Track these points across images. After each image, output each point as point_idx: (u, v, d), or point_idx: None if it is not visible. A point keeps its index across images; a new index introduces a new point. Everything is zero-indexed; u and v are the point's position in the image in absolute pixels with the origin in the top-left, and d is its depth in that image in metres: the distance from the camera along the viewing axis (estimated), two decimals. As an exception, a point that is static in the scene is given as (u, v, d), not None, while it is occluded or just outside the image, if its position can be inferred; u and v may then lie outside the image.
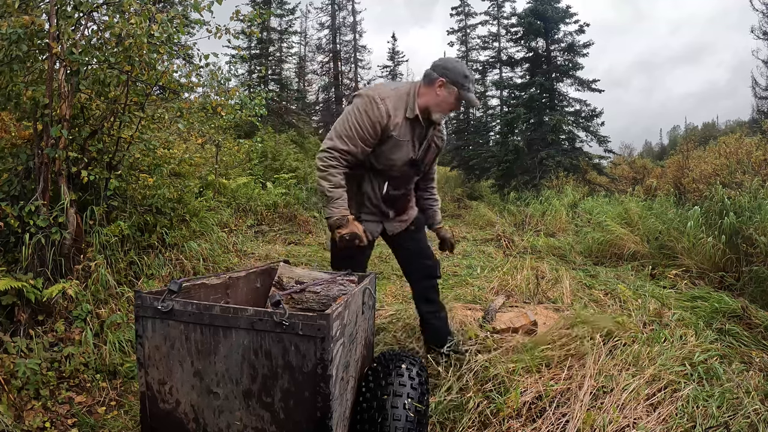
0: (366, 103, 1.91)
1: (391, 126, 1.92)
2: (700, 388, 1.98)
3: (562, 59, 13.98)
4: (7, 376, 1.99)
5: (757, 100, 19.45)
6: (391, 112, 1.91)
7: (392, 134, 1.94)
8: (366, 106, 1.90)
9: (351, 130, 1.90)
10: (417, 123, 2.00)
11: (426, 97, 1.98)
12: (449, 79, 1.95)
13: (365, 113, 1.89)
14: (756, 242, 3.78)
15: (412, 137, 2.01)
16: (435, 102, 1.98)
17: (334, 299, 1.72)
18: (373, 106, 1.89)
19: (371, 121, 1.89)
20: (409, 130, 1.99)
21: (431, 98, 1.98)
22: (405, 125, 1.97)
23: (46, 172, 2.65)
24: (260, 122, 6.65)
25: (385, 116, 1.90)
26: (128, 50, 2.70)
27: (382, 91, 1.94)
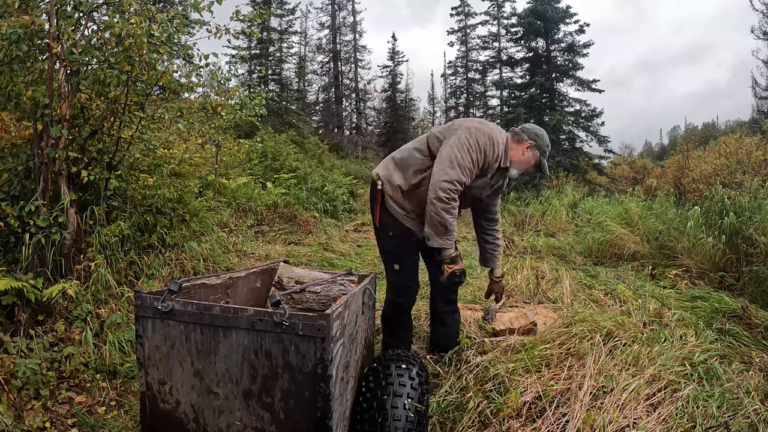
0: (486, 140, 2.04)
1: (491, 167, 2.10)
2: (700, 388, 1.98)
3: (562, 59, 13.98)
4: (7, 376, 1.99)
5: (757, 100, 19.44)
6: (498, 152, 2.08)
7: (487, 174, 2.12)
8: (486, 143, 2.04)
9: (472, 164, 2.02)
10: (502, 173, 2.19)
11: (514, 152, 2.16)
12: (537, 144, 2.16)
13: (483, 150, 2.03)
14: (756, 242, 3.78)
15: (491, 181, 2.20)
16: (519, 159, 2.16)
17: (334, 299, 1.72)
18: (493, 147, 2.06)
19: (486, 160, 2.06)
20: (494, 175, 2.17)
21: (517, 155, 2.16)
22: (492, 168, 2.13)
23: (46, 172, 2.65)
24: (260, 122, 6.65)
25: (494, 158, 2.08)
26: (128, 50, 2.70)
27: (495, 134, 2.10)
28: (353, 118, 25.31)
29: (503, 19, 20.51)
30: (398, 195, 2.18)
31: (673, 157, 12.20)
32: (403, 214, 2.19)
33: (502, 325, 2.74)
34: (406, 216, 2.19)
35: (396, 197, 2.19)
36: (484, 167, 2.07)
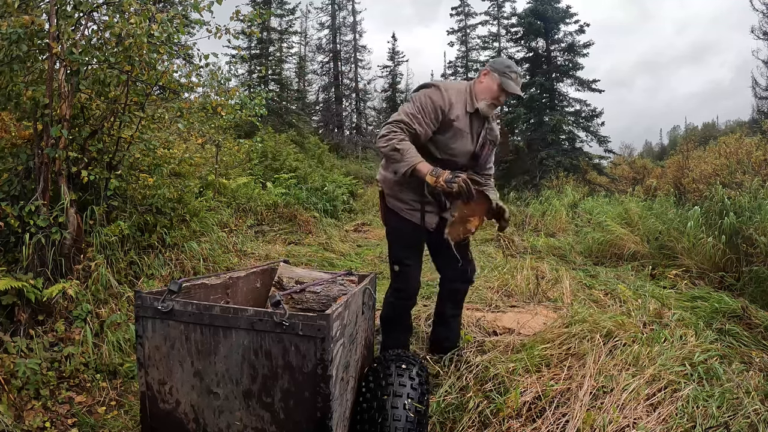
0: (432, 91, 2.07)
1: (452, 115, 2.06)
2: (700, 388, 1.98)
3: (562, 59, 13.98)
4: (7, 376, 1.99)
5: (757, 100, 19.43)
6: (453, 100, 2.06)
7: (453, 123, 2.07)
8: (431, 93, 2.06)
9: (416, 110, 2.04)
10: (476, 117, 2.12)
11: (476, 89, 2.12)
12: (492, 68, 2.10)
13: (430, 98, 2.05)
14: (756, 242, 3.78)
15: (471, 131, 2.13)
16: (480, 90, 2.11)
17: (334, 299, 1.72)
18: (439, 92, 2.06)
19: (434, 105, 2.04)
20: (468, 123, 2.11)
21: (478, 87, 2.12)
22: (465, 118, 2.10)
23: (46, 172, 2.64)
24: (260, 122, 6.65)
25: (447, 103, 2.05)
26: (128, 50, 2.70)
27: (446, 84, 2.13)
28: (353, 118, 25.32)
29: (503, 19, 20.51)
30: (394, 189, 2.20)
31: (673, 157, 12.20)
32: (404, 208, 2.20)
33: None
34: (408, 209, 2.19)
35: (393, 192, 2.21)
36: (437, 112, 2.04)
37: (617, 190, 10.78)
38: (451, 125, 2.07)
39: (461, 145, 2.12)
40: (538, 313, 3.12)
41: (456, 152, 2.12)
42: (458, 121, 2.07)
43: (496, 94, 2.09)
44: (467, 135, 2.12)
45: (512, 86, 2.07)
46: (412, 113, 2.04)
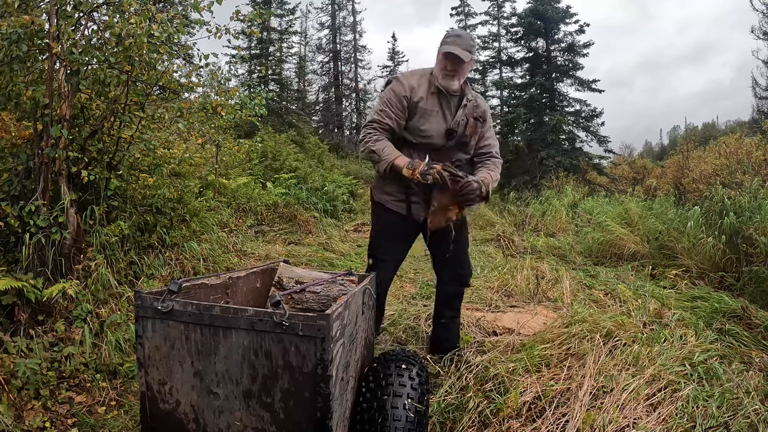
0: (393, 84, 2.17)
1: (415, 98, 2.11)
2: (700, 388, 1.98)
3: (562, 59, 13.98)
4: (7, 376, 1.99)
5: (757, 100, 19.44)
6: (414, 84, 2.13)
7: (419, 105, 2.12)
8: (393, 85, 2.16)
9: (383, 106, 2.14)
10: (442, 95, 2.14)
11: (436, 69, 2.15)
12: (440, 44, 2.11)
13: (392, 90, 2.14)
14: (756, 242, 3.78)
15: (441, 108, 2.15)
16: (437, 69, 2.12)
17: (334, 299, 1.72)
18: (398, 82, 2.15)
19: (397, 95, 2.12)
20: (436, 102, 2.15)
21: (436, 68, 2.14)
22: (431, 98, 2.14)
23: (46, 172, 2.64)
24: (260, 122, 6.64)
25: (408, 89, 2.12)
26: (128, 50, 2.70)
27: (407, 73, 2.22)
28: (353, 118, 25.31)
29: (503, 19, 20.50)
30: (380, 182, 2.26)
31: (673, 157, 12.20)
32: (390, 200, 2.23)
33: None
34: (394, 200, 2.22)
35: (379, 185, 2.27)
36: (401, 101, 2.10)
37: (617, 190, 10.79)
38: (416, 108, 2.12)
39: (432, 125, 2.14)
40: (538, 313, 3.12)
41: (428, 133, 2.14)
42: (423, 102, 2.12)
43: (442, 63, 2.09)
44: (437, 114, 2.15)
45: (445, 48, 2.04)
46: (380, 110, 2.14)
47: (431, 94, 2.13)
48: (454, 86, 2.12)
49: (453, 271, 2.36)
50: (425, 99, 2.12)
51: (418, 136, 2.15)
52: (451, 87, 2.11)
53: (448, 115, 2.16)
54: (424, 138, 2.15)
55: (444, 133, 2.16)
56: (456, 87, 2.13)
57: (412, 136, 2.16)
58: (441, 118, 2.15)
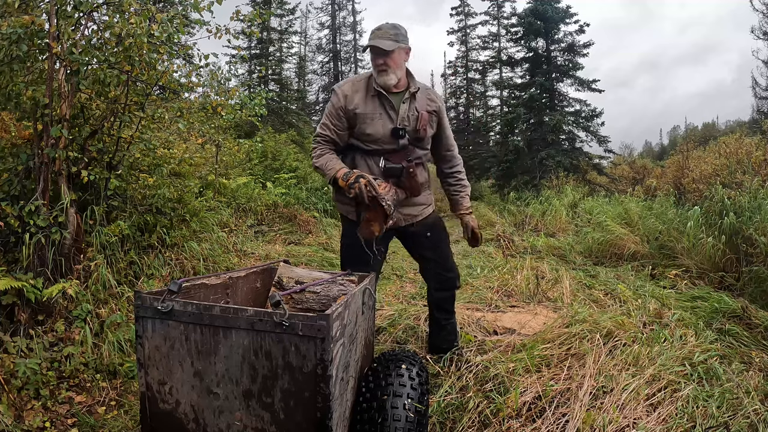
0: (331, 97, 2.16)
1: (351, 106, 2.08)
2: (700, 388, 1.98)
3: (562, 59, 13.98)
4: (7, 376, 1.99)
5: (758, 100, 19.45)
6: (348, 92, 2.10)
7: (357, 112, 2.08)
8: (331, 99, 2.15)
9: (325, 120, 2.15)
10: (383, 97, 2.08)
11: None
12: None
13: (330, 103, 2.14)
14: (756, 242, 3.78)
15: (385, 110, 2.09)
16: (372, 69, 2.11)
17: (334, 299, 1.72)
18: (333, 94, 2.14)
19: (334, 107, 2.11)
20: (377, 105, 2.09)
21: None
22: (370, 101, 2.09)
23: (46, 172, 2.64)
24: (260, 122, 6.65)
25: (342, 99, 2.09)
26: (128, 50, 2.70)
27: (341, 82, 2.18)
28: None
29: (503, 19, 20.53)
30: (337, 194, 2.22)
31: (673, 157, 12.19)
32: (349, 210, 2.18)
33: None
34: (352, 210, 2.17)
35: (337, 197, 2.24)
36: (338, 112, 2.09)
37: (617, 190, 10.78)
38: (355, 115, 2.08)
39: (375, 129, 2.08)
40: (538, 313, 3.12)
41: (374, 137, 2.08)
42: (361, 108, 2.07)
43: (372, 60, 2.07)
44: (380, 116, 2.08)
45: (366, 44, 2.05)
46: (323, 124, 2.15)
47: (371, 97, 2.08)
48: (391, 81, 2.04)
49: (439, 276, 2.33)
50: (363, 104, 2.07)
51: (365, 142, 2.11)
52: (388, 82, 2.04)
53: (393, 115, 2.09)
54: (371, 142, 2.10)
55: (391, 134, 2.09)
56: (393, 81, 2.04)
57: (361, 142, 2.12)
58: (386, 119, 2.09)
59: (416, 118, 2.12)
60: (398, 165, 2.09)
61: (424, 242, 2.28)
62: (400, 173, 2.10)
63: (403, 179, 2.11)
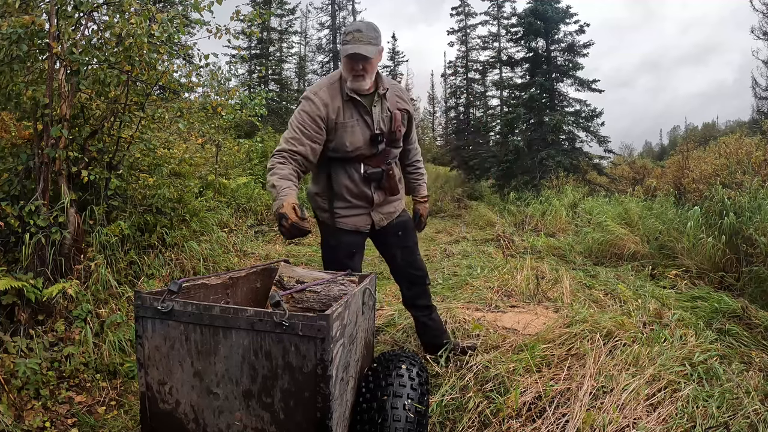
0: (303, 104, 1.96)
1: (332, 115, 1.95)
2: (700, 388, 1.98)
3: (562, 59, 13.98)
4: (7, 376, 1.99)
5: (758, 100, 19.45)
6: (327, 100, 1.94)
7: (337, 121, 1.96)
8: (303, 106, 1.95)
9: (296, 131, 1.93)
10: (357, 102, 1.98)
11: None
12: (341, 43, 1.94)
13: (304, 112, 1.93)
14: (756, 242, 3.78)
15: (360, 115, 2.00)
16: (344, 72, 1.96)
17: (335, 299, 1.72)
18: (309, 101, 1.94)
19: (311, 117, 1.92)
20: (353, 111, 1.99)
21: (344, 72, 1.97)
22: (346, 108, 1.98)
23: (46, 172, 2.64)
24: (260, 122, 6.65)
25: (322, 106, 1.93)
26: (128, 50, 2.70)
27: (314, 87, 2.01)
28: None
29: (503, 19, 20.51)
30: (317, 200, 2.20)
31: (673, 158, 12.19)
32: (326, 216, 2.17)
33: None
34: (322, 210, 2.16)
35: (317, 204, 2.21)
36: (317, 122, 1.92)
37: (617, 190, 10.77)
38: (335, 125, 1.96)
39: (355, 137, 1.99)
40: (538, 313, 3.12)
41: (353, 146, 1.99)
42: (340, 116, 1.96)
43: (349, 65, 1.91)
44: (357, 123, 1.99)
45: (349, 49, 1.85)
46: (291, 137, 1.92)
47: (345, 102, 1.97)
48: (366, 86, 1.96)
49: (409, 275, 2.33)
50: (341, 112, 1.96)
51: (343, 152, 2.01)
52: (363, 87, 1.95)
53: (368, 119, 2.00)
54: (349, 153, 2.01)
55: (370, 141, 2.02)
56: (367, 86, 1.96)
57: (338, 153, 2.01)
58: (363, 125, 2.00)
59: (390, 118, 2.06)
60: (378, 169, 2.08)
61: (395, 241, 2.27)
62: (381, 177, 2.09)
63: (383, 181, 2.11)
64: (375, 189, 2.11)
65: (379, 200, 2.15)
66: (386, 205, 2.21)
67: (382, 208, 2.19)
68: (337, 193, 2.09)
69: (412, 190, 2.44)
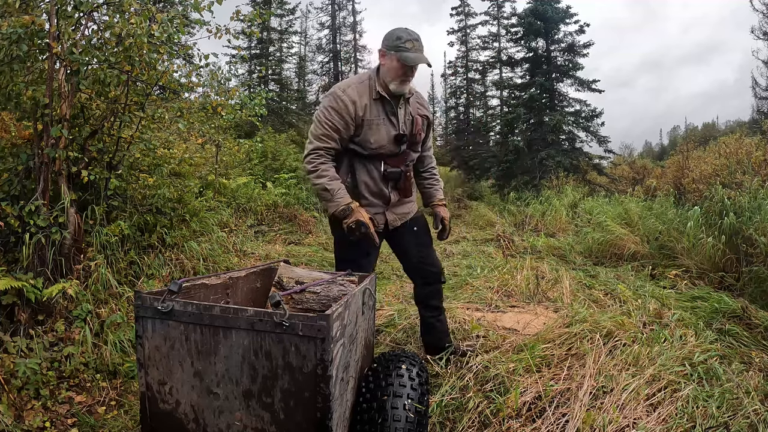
0: (330, 100, 2.00)
1: (360, 112, 1.99)
2: (700, 388, 1.98)
3: (562, 59, 13.98)
4: (7, 376, 1.99)
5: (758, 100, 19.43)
6: (355, 98, 1.99)
7: (364, 118, 2.00)
8: (331, 102, 1.99)
9: (325, 128, 1.99)
10: (386, 101, 2.04)
11: (380, 74, 2.04)
12: (387, 47, 2.00)
13: (332, 108, 1.98)
14: (756, 242, 3.78)
15: (387, 115, 2.06)
16: (386, 74, 2.01)
17: (335, 299, 1.72)
18: (337, 99, 1.99)
19: (339, 113, 1.97)
20: (380, 109, 2.04)
21: (383, 73, 2.03)
22: (374, 106, 2.03)
23: (46, 172, 2.64)
24: (260, 122, 6.65)
25: (350, 104, 1.97)
26: (128, 50, 2.70)
27: (342, 84, 2.06)
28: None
29: (503, 19, 20.52)
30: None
31: (673, 158, 12.19)
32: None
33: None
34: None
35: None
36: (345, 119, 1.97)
37: (617, 190, 10.77)
38: (362, 122, 2.01)
39: (381, 135, 2.04)
40: (538, 313, 3.12)
41: (377, 144, 2.04)
42: (368, 114, 2.01)
43: (401, 71, 1.97)
44: (383, 122, 2.04)
45: (412, 58, 1.94)
46: (322, 134, 1.99)
47: (373, 101, 2.02)
48: (407, 90, 2.05)
49: (424, 271, 2.34)
50: (368, 109, 2.01)
51: (368, 148, 2.05)
52: (405, 91, 2.04)
53: (394, 120, 2.07)
54: (373, 149, 2.05)
55: (394, 140, 2.07)
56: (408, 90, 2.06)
57: (363, 148, 2.05)
58: (388, 124, 2.05)
59: (411, 122, 2.13)
60: (398, 169, 2.12)
61: (410, 238, 2.29)
62: (399, 177, 2.14)
63: (400, 182, 2.16)
64: (392, 189, 2.16)
65: (395, 200, 2.19)
66: (400, 206, 2.24)
67: (396, 209, 2.22)
68: (353, 188, 2.11)
69: (429, 196, 2.46)
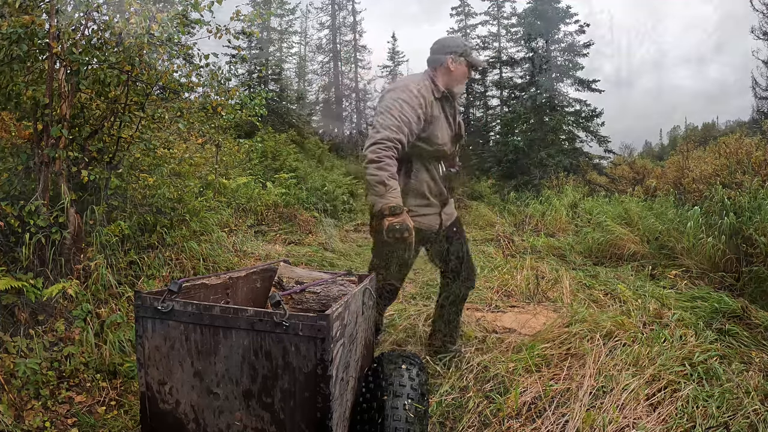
0: (399, 93, 2.00)
1: (428, 107, 2.04)
2: (700, 388, 1.98)
3: (562, 59, 13.99)
4: (7, 376, 1.99)
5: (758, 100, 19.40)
6: (423, 93, 2.04)
7: (433, 113, 2.07)
8: (401, 95, 1.99)
9: (396, 119, 1.93)
10: (445, 101, 2.14)
11: (443, 77, 2.13)
12: (455, 53, 2.13)
13: (404, 102, 1.97)
14: (756, 242, 3.78)
15: (446, 115, 2.15)
16: (453, 78, 2.13)
17: (334, 299, 1.72)
18: (408, 92, 2.00)
19: (411, 105, 1.97)
20: (440, 108, 2.12)
21: (448, 77, 2.13)
22: (436, 104, 2.10)
23: (46, 172, 2.64)
24: (260, 122, 6.65)
25: (420, 97, 2.01)
26: (128, 50, 2.70)
27: (412, 82, 2.08)
28: (353, 118, 25.32)
29: (503, 19, 20.53)
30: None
31: (673, 158, 12.20)
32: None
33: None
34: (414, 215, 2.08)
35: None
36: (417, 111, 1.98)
37: (617, 190, 10.77)
38: (430, 117, 2.07)
39: (443, 132, 2.12)
40: (538, 313, 3.12)
41: (441, 140, 2.11)
42: (434, 110, 2.07)
43: (467, 73, 2.16)
44: (443, 120, 2.13)
45: (479, 61, 2.17)
46: (394, 125, 1.91)
47: (435, 100, 2.10)
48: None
49: (465, 273, 2.34)
50: (433, 107, 2.08)
51: (433, 145, 2.09)
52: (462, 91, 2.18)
53: (451, 120, 2.16)
54: (438, 146, 2.10)
55: (452, 139, 2.16)
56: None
57: (429, 144, 2.08)
58: (446, 124, 2.14)
59: (459, 124, 2.22)
60: (454, 169, 2.20)
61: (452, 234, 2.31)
62: (453, 177, 2.20)
63: (453, 182, 2.22)
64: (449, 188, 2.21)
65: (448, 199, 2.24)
66: (448, 206, 2.29)
67: (446, 209, 2.25)
68: (415, 189, 2.10)
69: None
